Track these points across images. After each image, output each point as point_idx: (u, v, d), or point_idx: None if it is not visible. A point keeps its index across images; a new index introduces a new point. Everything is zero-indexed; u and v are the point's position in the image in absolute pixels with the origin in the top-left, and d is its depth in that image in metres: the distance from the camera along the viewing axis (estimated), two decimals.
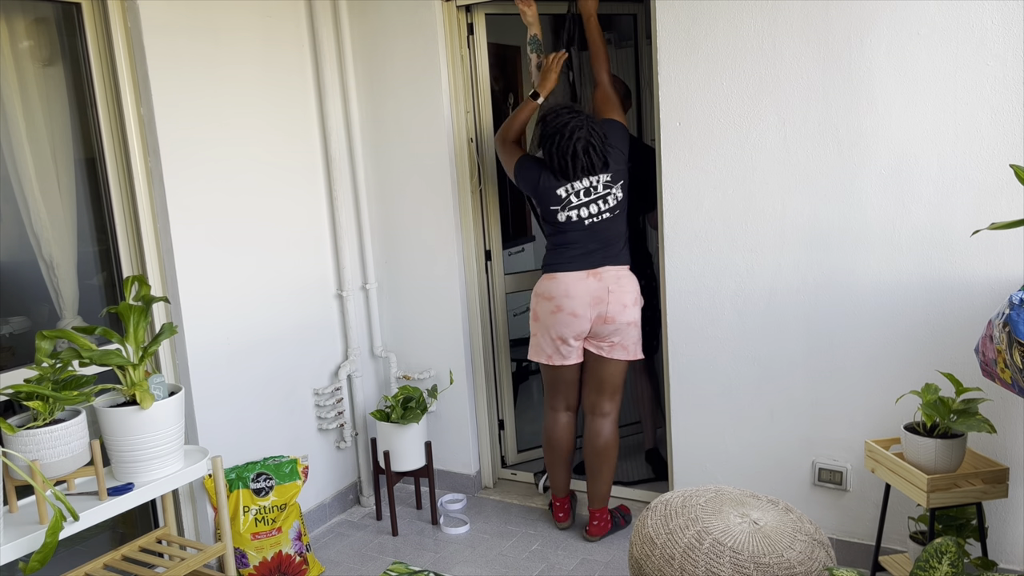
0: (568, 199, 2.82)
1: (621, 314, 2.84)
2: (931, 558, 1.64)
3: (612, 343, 2.88)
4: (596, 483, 3.02)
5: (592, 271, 2.83)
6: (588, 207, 2.82)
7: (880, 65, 2.39)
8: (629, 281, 2.88)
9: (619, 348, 2.89)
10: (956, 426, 2.13)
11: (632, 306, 2.86)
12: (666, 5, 2.67)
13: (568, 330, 2.86)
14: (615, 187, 2.83)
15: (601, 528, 3.04)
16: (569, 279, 2.83)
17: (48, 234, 2.49)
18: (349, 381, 3.42)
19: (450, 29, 3.22)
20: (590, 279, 2.83)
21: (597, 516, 3.04)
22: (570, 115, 2.76)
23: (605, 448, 2.98)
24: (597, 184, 2.81)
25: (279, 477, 2.84)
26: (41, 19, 2.47)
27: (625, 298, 2.84)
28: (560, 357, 2.93)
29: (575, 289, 2.82)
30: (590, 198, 2.81)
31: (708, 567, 1.76)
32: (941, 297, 2.42)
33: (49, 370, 2.09)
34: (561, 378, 3.01)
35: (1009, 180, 2.28)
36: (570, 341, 2.89)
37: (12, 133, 2.40)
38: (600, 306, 2.83)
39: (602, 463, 2.99)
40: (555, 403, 3.07)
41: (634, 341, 2.91)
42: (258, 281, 2.99)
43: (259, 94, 2.96)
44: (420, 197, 3.36)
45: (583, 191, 2.82)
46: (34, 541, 1.95)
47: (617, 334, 2.87)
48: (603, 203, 2.82)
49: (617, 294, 2.83)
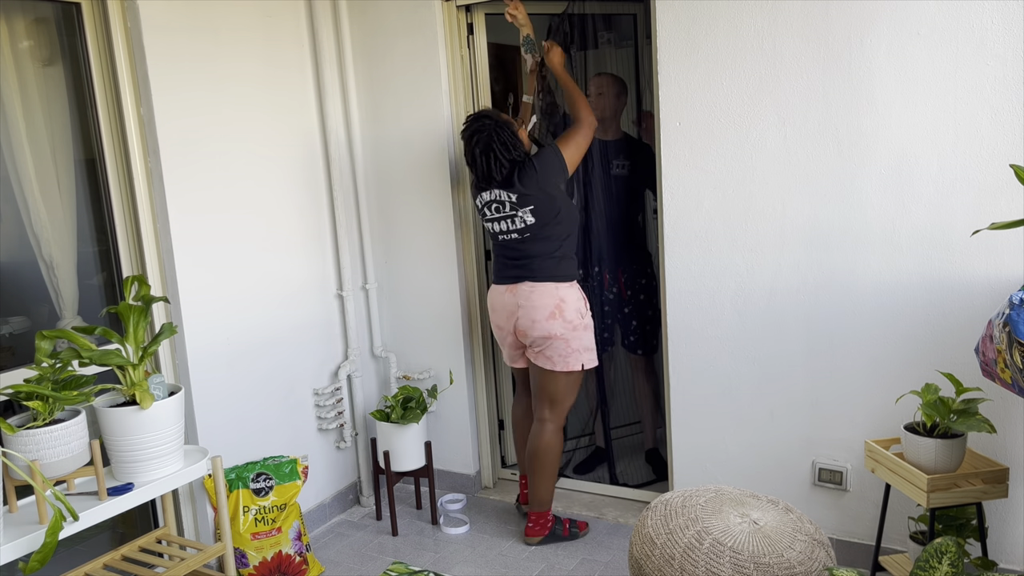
0: (483, 210, 2.94)
1: (531, 329, 2.87)
2: (931, 558, 1.64)
3: (536, 352, 2.94)
4: (532, 485, 3.03)
5: (509, 286, 2.93)
6: (499, 223, 2.90)
7: (880, 65, 2.39)
8: (542, 297, 2.84)
9: (543, 358, 2.91)
10: (956, 426, 2.13)
11: (544, 320, 2.84)
12: (666, 5, 2.67)
13: (500, 340, 3.06)
14: (521, 210, 2.82)
15: (534, 531, 3.04)
16: (493, 292, 3.01)
17: (48, 234, 2.49)
18: (349, 381, 3.42)
19: (450, 29, 3.22)
20: (507, 294, 2.93)
21: (532, 519, 3.05)
22: (477, 121, 2.84)
23: (537, 452, 2.99)
24: (504, 202, 2.85)
25: (279, 477, 2.84)
26: (41, 19, 2.47)
27: (535, 314, 2.85)
28: (510, 360, 3.11)
29: (496, 302, 2.99)
30: (499, 215, 2.88)
31: (708, 567, 1.75)
32: (941, 297, 2.42)
33: (49, 370, 2.09)
34: (519, 376, 3.20)
35: (1009, 180, 2.28)
36: (506, 346, 3.06)
37: (12, 133, 2.40)
38: (513, 319, 2.93)
39: (536, 466, 3.00)
40: (521, 393, 3.24)
41: (559, 354, 2.88)
42: (258, 281, 2.99)
43: (259, 94, 2.96)
44: (420, 197, 3.36)
45: (493, 205, 2.89)
46: (34, 541, 1.95)
47: (536, 346, 2.91)
48: (510, 222, 2.86)
49: (526, 309, 2.86)
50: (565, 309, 2.86)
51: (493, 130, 2.80)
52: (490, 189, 2.87)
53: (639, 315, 3.47)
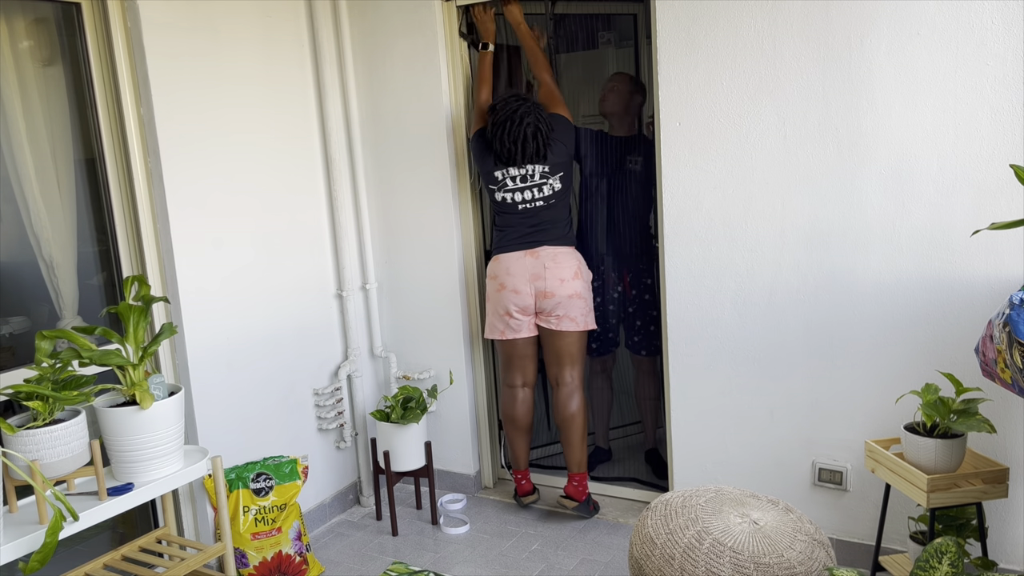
0: (504, 181, 3.02)
1: (559, 288, 2.99)
2: (931, 558, 1.64)
3: (559, 316, 3.03)
4: (570, 450, 3.14)
5: (529, 251, 3.02)
6: (523, 192, 3.00)
7: (880, 65, 2.39)
8: (566, 257, 3.01)
9: (567, 320, 3.03)
10: (956, 426, 2.13)
11: (571, 279, 3.00)
12: (666, 5, 2.67)
13: (511, 304, 3.05)
14: (552, 178, 2.99)
15: (578, 492, 3.14)
16: (509, 259, 3.05)
17: (48, 234, 2.49)
18: (349, 381, 3.42)
19: (450, 29, 3.22)
20: (527, 258, 3.02)
21: (576, 479, 3.15)
22: (518, 102, 2.93)
23: (572, 417, 3.11)
24: (534, 173, 2.96)
25: (279, 477, 2.84)
26: (41, 19, 2.47)
27: (562, 272, 2.99)
28: (511, 331, 3.11)
29: (514, 267, 3.03)
30: (525, 184, 3.00)
31: (708, 567, 1.76)
32: (941, 297, 2.42)
33: (49, 370, 2.09)
34: (516, 352, 3.16)
35: (1009, 180, 2.28)
36: (515, 314, 3.07)
37: (12, 133, 2.40)
38: (539, 282, 3.00)
39: (572, 431, 3.12)
40: (512, 379, 3.21)
41: (581, 312, 3.04)
42: (258, 281, 2.99)
43: (259, 94, 2.96)
44: (420, 197, 3.36)
45: (519, 177, 3.00)
46: (34, 541, 1.95)
47: (560, 307, 3.01)
48: (538, 191, 3.00)
49: (553, 269, 2.99)
50: (583, 270, 3.07)
51: (537, 111, 2.94)
52: (520, 165, 2.97)
53: (643, 315, 3.47)
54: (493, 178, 3.02)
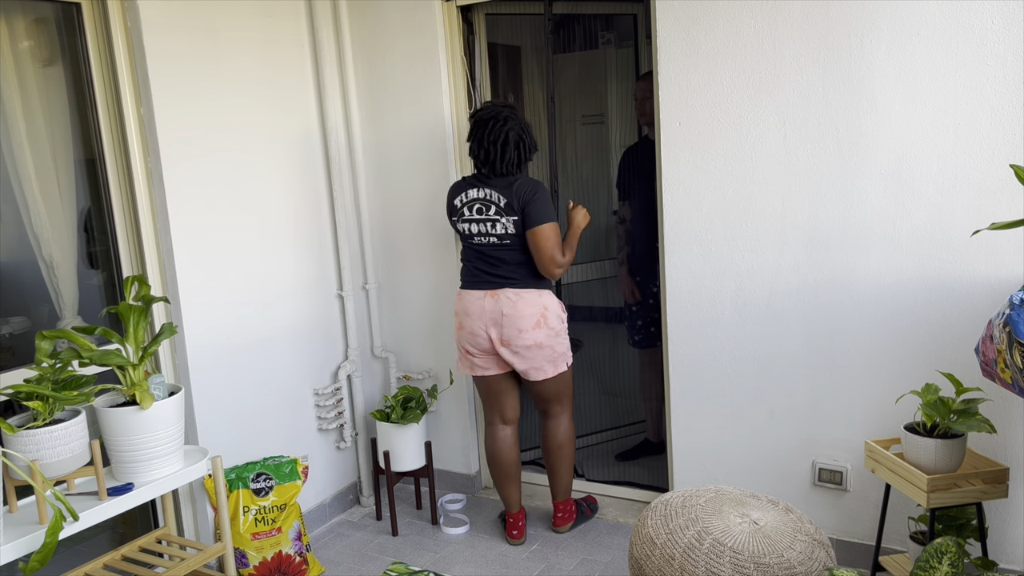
0: (461, 210, 2.84)
1: (517, 338, 2.78)
2: (931, 558, 1.64)
3: (525, 368, 2.84)
4: (555, 479, 3.06)
5: (489, 291, 2.81)
6: (477, 225, 2.80)
7: (880, 65, 2.39)
8: (527, 305, 2.78)
9: (533, 371, 2.85)
10: (956, 426, 2.13)
11: (531, 330, 2.78)
12: (666, 5, 2.67)
13: (471, 347, 2.88)
14: (505, 217, 2.75)
15: (566, 519, 3.09)
16: (470, 297, 2.85)
17: (48, 234, 2.49)
18: (349, 381, 3.42)
19: (450, 29, 3.22)
20: (487, 299, 2.81)
21: (561, 508, 3.09)
22: (504, 107, 2.79)
23: (559, 446, 3.02)
24: (492, 203, 2.76)
25: (279, 477, 2.84)
26: (41, 19, 2.47)
27: (520, 323, 2.77)
28: (479, 369, 2.92)
29: (473, 308, 2.84)
30: (480, 216, 2.78)
31: (708, 567, 1.75)
32: (941, 297, 2.42)
33: (49, 370, 2.09)
34: (489, 389, 2.97)
35: (1009, 180, 2.28)
36: (476, 354, 2.89)
37: (12, 133, 2.40)
38: (495, 328, 2.81)
39: (559, 460, 3.03)
40: (491, 417, 3.03)
41: (548, 360, 2.84)
42: (258, 281, 2.99)
43: (259, 93, 2.96)
44: (420, 197, 3.36)
45: (476, 206, 2.79)
46: (34, 541, 1.95)
47: (520, 358, 2.82)
48: (490, 226, 2.78)
49: (511, 318, 2.78)
50: (549, 317, 2.82)
51: (522, 125, 2.79)
52: (482, 187, 2.79)
53: (644, 315, 3.49)
54: (453, 206, 2.86)
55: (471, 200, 2.82)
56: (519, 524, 3.07)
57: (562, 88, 3.51)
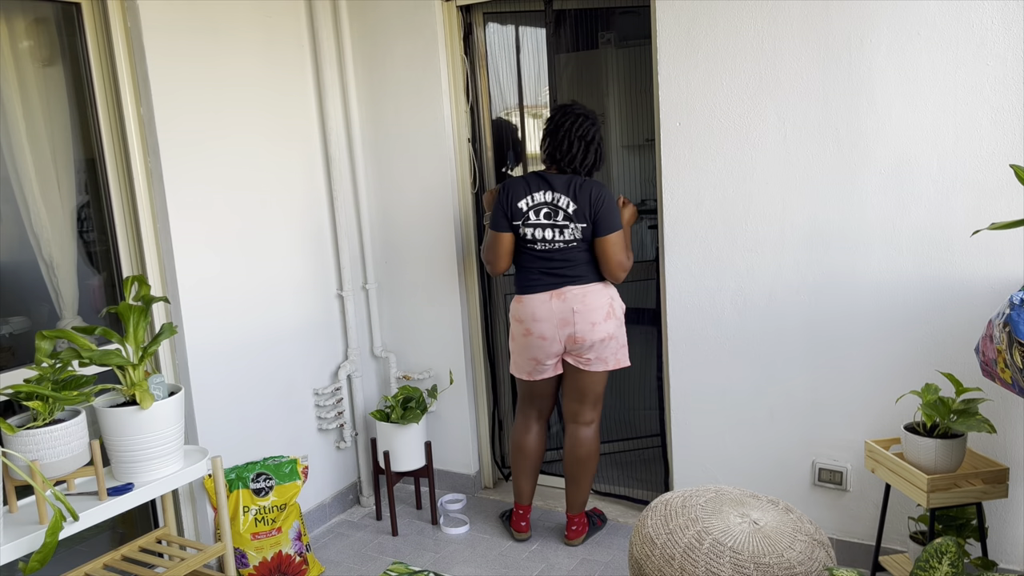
0: (527, 214, 2.78)
1: (590, 333, 2.78)
2: (931, 558, 1.64)
3: (589, 358, 2.84)
4: (575, 490, 3.00)
5: (555, 291, 2.79)
6: (545, 230, 2.77)
7: (880, 65, 2.39)
8: (596, 298, 2.78)
9: (598, 361, 2.85)
10: (956, 426, 2.13)
11: (603, 321, 2.78)
12: (666, 5, 2.67)
13: (541, 353, 2.86)
14: (572, 224, 2.74)
15: (579, 532, 3.04)
16: (535, 302, 2.81)
17: (48, 234, 2.49)
18: (349, 381, 3.42)
19: (450, 29, 3.22)
20: (554, 300, 2.78)
21: (575, 521, 3.04)
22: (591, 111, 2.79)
23: (587, 457, 2.95)
24: (559, 208, 2.74)
25: (279, 477, 2.84)
26: (41, 19, 2.47)
27: (593, 316, 2.77)
28: (538, 374, 2.93)
29: (540, 312, 2.80)
30: (548, 221, 2.76)
31: (708, 567, 1.75)
32: (941, 297, 2.42)
33: (49, 370, 2.09)
34: (536, 391, 2.99)
35: (1009, 180, 2.28)
36: (545, 362, 2.89)
37: (12, 133, 2.40)
38: (568, 327, 2.78)
39: (583, 471, 2.97)
40: (527, 411, 3.05)
41: (613, 352, 2.85)
42: (258, 281, 2.99)
43: (259, 94, 2.96)
44: (420, 197, 3.36)
45: (543, 210, 2.76)
46: (34, 541, 1.95)
47: (592, 350, 2.82)
48: (558, 232, 2.76)
49: (583, 313, 2.77)
50: (615, 307, 2.84)
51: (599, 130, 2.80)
52: (547, 189, 2.75)
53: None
54: (518, 210, 2.77)
55: (538, 204, 2.77)
56: (527, 517, 3.10)
57: (563, 88, 3.51)
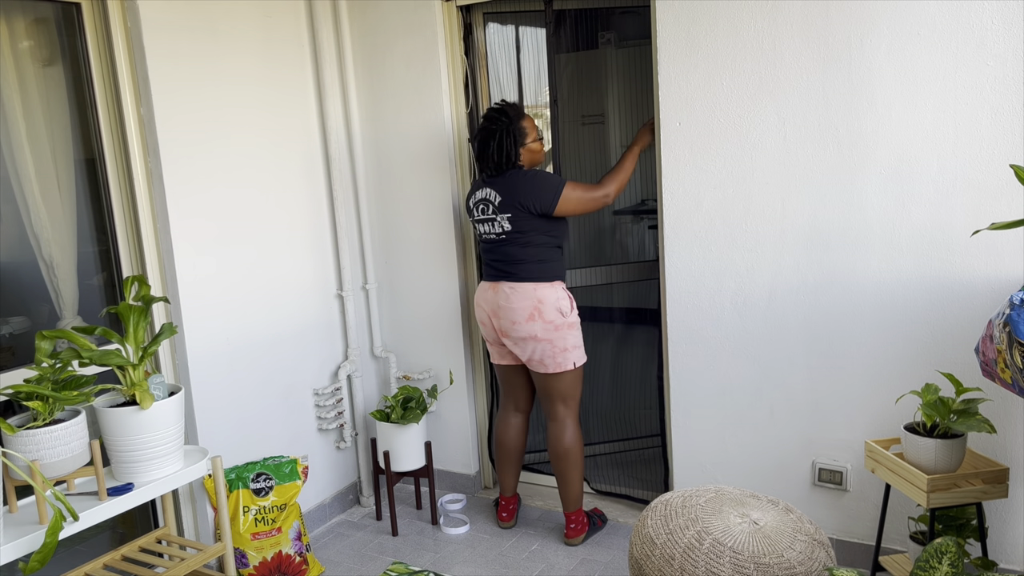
0: (472, 210, 2.95)
1: (512, 329, 2.86)
2: (931, 558, 1.64)
3: (528, 359, 2.91)
4: (564, 487, 3.01)
5: (492, 283, 2.93)
6: (483, 224, 2.92)
7: (880, 65, 2.39)
8: (520, 298, 2.83)
9: (535, 363, 2.90)
10: (956, 426, 2.13)
11: (524, 322, 2.83)
12: (666, 5, 2.67)
13: (488, 336, 3.03)
14: (500, 216, 2.84)
15: (578, 531, 3.03)
16: (480, 289, 3.00)
17: (48, 234, 2.49)
18: (349, 381, 3.42)
19: (450, 29, 3.22)
20: (490, 291, 2.94)
21: (572, 519, 3.04)
22: (497, 112, 2.85)
23: (565, 452, 2.96)
24: (490, 202, 2.87)
25: (279, 477, 2.84)
26: (41, 19, 2.47)
27: (513, 315, 2.84)
28: (497, 356, 3.06)
29: (481, 298, 2.99)
30: (483, 216, 2.90)
31: (708, 567, 1.75)
32: (941, 297, 2.42)
33: (49, 370, 2.09)
34: (504, 378, 3.10)
35: (1009, 180, 2.28)
36: (491, 342, 3.04)
37: (12, 133, 2.40)
38: (496, 319, 2.92)
39: (565, 467, 2.98)
40: (506, 403, 3.15)
41: (548, 355, 2.86)
42: (258, 281, 2.99)
43: (259, 94, 2.96)
44: (420, 197, 3.36)
45: (480, 206, 2.91)
46: (34, 541, 1.95)
47: (519, 348, 2.89)
48: (491, 225, 2.89)
49: (505, 310, 2.86)
50: (543, 310, 2.83)
51: (507, 126, 2.83)
52: (484, 187, 2.89)
53: None
54: (468, 207, 2.98)
55: (478, 201, 2.93)
56: (510, 508, 3.19)
57: (563, 88, 3.51)
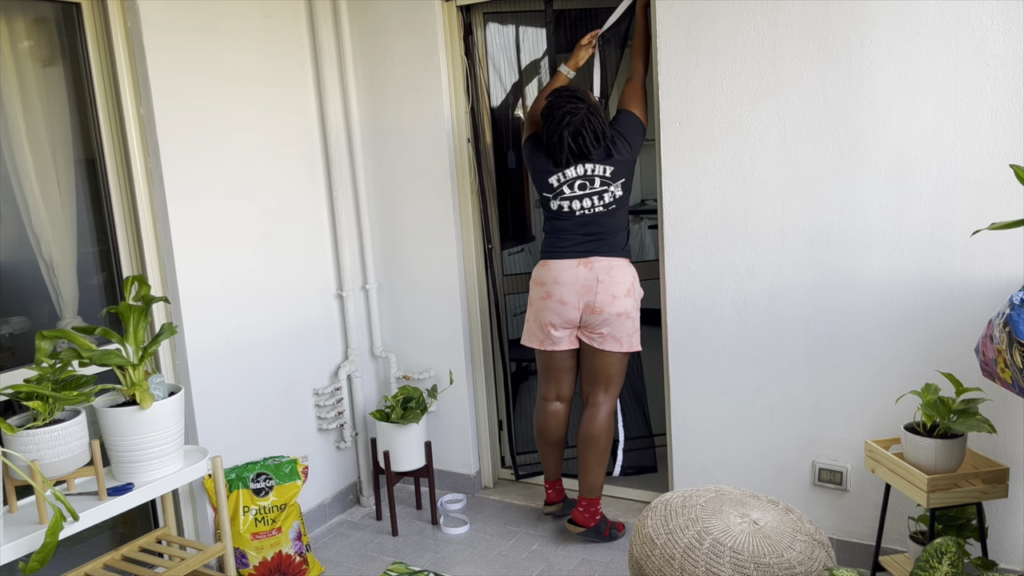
0: (560, 189, 2.82)
1: (610, 305, 2.80)
2: (931, 558, 1.64)
3: (603, 334, 2.85)
4: (584, 472, 2.97)
5: (583, 259, 2.82)
6: (581, 200, 2.81)
7: (880, 65, 2.39)
8: (621, 272, 2.82)
9: (611, 340, 2.86)
10: (956, 426, 2.13)
11: (623, 297, 2.81)
12: (666, 5, 2.67)
13: (555, 317, 2.87)
14: (613, 185, 2.80)
15: (585, 519, 2.97)
16: (560, 266, 2.84)
17: (48, 234, 2.49)
18: (349, 381, 3.42)
19: (450, 29, 3.22)
20: (580, 267, 2.82)
21: (584, 503, 2.99)
22: (566, 100, 2.74)
23: (593, 437, 2.93)
24: (594, 177, 2.79)
25: (279, 477, 2.84)
26: (41, 19, 2.47)
27: (615, 289, 2.80)
28: (550, 343, 2.94)
29: (564, 276, 2.83)
30: (584, 192, 2.80)
31: (708, 567, 1.75)
32: (941, 297, 2.42)
33: (49, 370, 2.09)
34: (552, 365, 3.00)
35: (1009, 180, 2.28)
36: (557, 327, 2.90)
37: (12, 133, 2.40)
38: (588, 295, 2.81)
39: (589, 453, 2.94)
40: (547, 392, 3.06)
41: (627, 333, 2.86)
42: (258, 281, 2.99)
43: (259, 94, 2.96)
44: (420, 197, 3.36)
45: (577, 183, 2.80)
46: (34, 541, 1.96)
47: (607, 325, 2.83)
48: (597, 199, 2.81)
49: (607, 284, 2.80)
50: (636, 287, 2.88)
51: (586, 111, 2.74)
52: (578, 164, 2.78)
53: None
54: (548, 185, 2.84)
55: (573, 178, 2.81)
56: (557, 487, 3.16)
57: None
